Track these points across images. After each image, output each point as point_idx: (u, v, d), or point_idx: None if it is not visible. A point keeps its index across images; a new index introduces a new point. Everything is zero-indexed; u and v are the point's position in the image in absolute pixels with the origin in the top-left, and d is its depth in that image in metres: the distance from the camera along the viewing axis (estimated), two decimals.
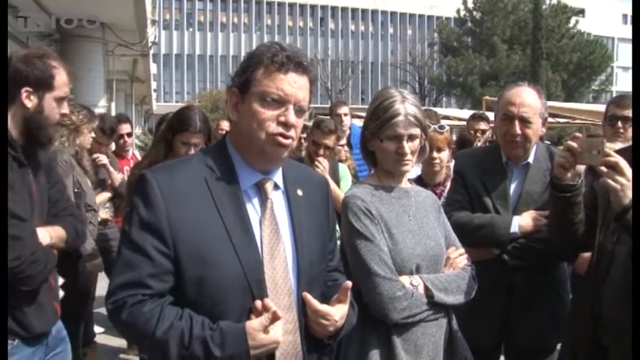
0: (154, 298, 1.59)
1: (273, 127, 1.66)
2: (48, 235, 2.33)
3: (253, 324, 1.59)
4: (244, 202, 1.69)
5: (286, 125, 1.66)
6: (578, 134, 2.30)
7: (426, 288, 2.17)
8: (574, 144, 2.17)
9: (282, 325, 1.63)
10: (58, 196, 2.54)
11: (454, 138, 4.97)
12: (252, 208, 1.71)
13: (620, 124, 3.47)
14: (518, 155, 2.78)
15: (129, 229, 1.63)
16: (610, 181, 2.01)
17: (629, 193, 2.00)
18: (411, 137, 2.20)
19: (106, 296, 1.64)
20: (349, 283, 1.75)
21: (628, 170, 2.01)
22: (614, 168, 2.02)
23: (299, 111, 1.69)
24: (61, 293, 2.94)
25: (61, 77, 2.34)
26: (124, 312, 1.58)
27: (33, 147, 2.36)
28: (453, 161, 4.26)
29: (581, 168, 2.25)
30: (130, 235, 1.62)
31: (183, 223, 1.60)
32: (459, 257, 2.34)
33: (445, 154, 3.45)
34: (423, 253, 2.22)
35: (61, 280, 2.92)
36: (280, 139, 1.67)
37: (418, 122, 2.21)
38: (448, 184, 3.51)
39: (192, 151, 3.24)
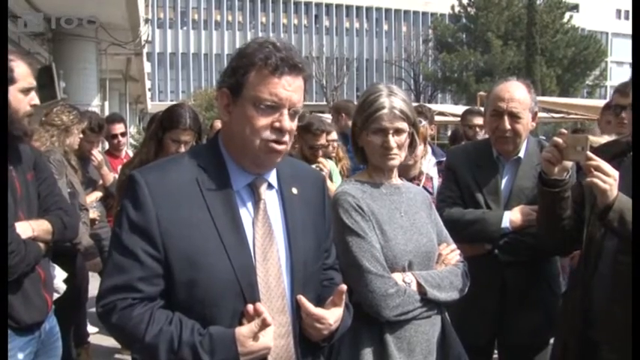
0: (144, 301, 1.56)
1: (267, 134, 1.62)
2: (30, 228, 2.36)
3: (243, 330, 1.56)
4: (236, 204, 1.65)
5: (281, 131, 1.63)
6: (564, 130, 2.30)
7: (419, 285, 2.16)
8: (559, 140, 2.19)
9: (273, 330, 1.61)
10: (48, 191, 2.55)
11: (448, 134, 4.96)
12: (245, 210, 1.67)
13: (624, 114, 3.36)
14: (508, 150, 2.78)
15: (119, 231, 1.60)
16: (598, 182, 2.04)
17: (615, 192, 2.04)
18: (398, 131, 2.19)
19: (97, 298, 1.62)
20: (344, 287, 1.73)
21: (611, 170, 2.05)
22: (598, 170, 2.05)
23: (293, 114, 1.65)
24: (64, 287, 2.92)
25: (20, 69, 2.36)
26: (114, 316, 1.56)
27: (13, 144, 2.36)
28: (432, 157, 4.25)
29: (569, 163, 2.26)
30: (120, 238, 1.58)
31: (174, 225, 1.57)
32: (451, 253, 2.33)
33: (419, 149, 3.42)
34: (415, 250, 2.21)
35: (64, 275, 2.92)
36: (274, 145, 1.63)
37: (405, 116, 2.20)
38: (423, 179, 3.48)
39: (183, 149, 3.23)
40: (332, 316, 1.71)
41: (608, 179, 2.03)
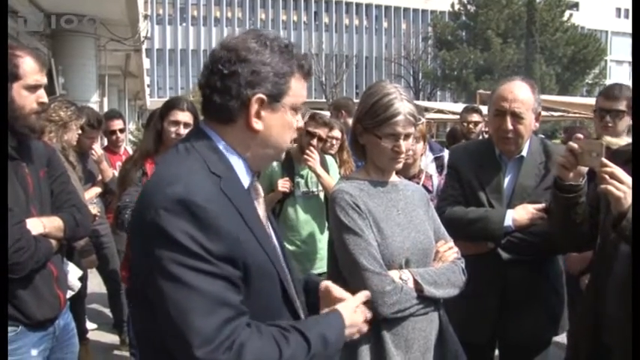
0: (250, 325, 1.45)
1: (294, 133, 1.66)
2: (41, 224, 2.35)
3: (346, 305, 1.71)
4: (253, 202, 1.65)
5: (298, 129, 1.68)
6: (580, 135, 2.27)
7: (416, 282, 2.16)
8: (574, 145, 2.16)
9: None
10: (62, 188, 2.55)
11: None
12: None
13: (608, 117, 3.40)
14: (510, 150, 2.76)
15: (197, 261, 1.39)
16: (613, 190, 2.01)
17: (630, 200, 2.01)
18: (407, 135, 2.21)
19: (202, 343, 1.35)
20: None
21: (626, 177, 2.01)
22: (612, 177, 2.01)
23: None
24: (79, 284, 2.92)
25: (27, 65, 2.30)
26: (244, 351, 1.38)
27: (25, 141, 2.37)
28: (429, 154, 4.26)
29: (584, 169, 2.22)
30: (203, 269, 1.39)
31: (240, 240, 1.46)
32: (449, 251, 2.33)
33: (419, 147, 3.44)
34: (412, 247, 2.21)
35: (79, 272, 2.92)
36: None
37: (414, 120, 2.22)
38: (422, 177, 3.49)
39: (182, 131, 3.24)
40: None
41: (622, 187, 2.00)
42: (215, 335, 1.35)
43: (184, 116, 3.29)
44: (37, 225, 2.32)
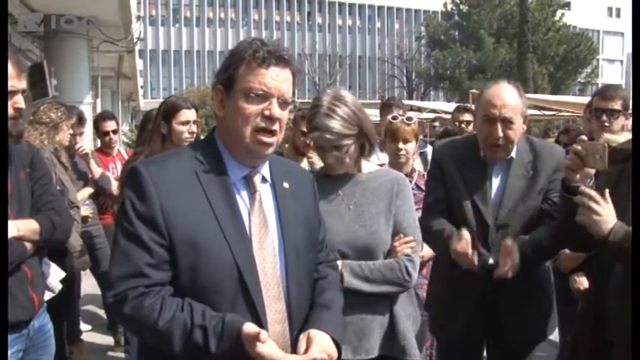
0: (154, 288, 1.61)
1: (257, 122, 1.70)
2: (15, 227, 2.33)
3: (249, 328, 1.57)
4: (234, 194, 1.73)
5: (270, 119, 1.70)
6: (583, 137, 2.26)
7: (341, 273, 2.19)
8: (579, 147, 2.16)
9: (270, 329, 1.66)
10: (42, 190, 2.52)
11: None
12: (242, 200, 1.75)
13: (605, 117, 3.42)
14: (499, 157, 2.68)
15: (124, 221, 1.66)
16: (585, 218, 2.04)
17: (608, 221, 2.03)
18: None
19: (107, 288, 1.67)
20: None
21: (602, 200, 2.04)
22: (584, 206, 2.04)
23: (283, 103, 1.74)
24: (60, 286, 2.89)
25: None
26: (126, 306, 1.60)
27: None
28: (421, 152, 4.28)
29: (591, 170, 2.21)
30: (126, 227, 1.65)
31: (176, 213, 1.64)
32: (402, 246, 2.31)
33: (411, 146, 3.44)
34: (349, 241, 2.25)
35: (61, 274, 2.90)
36: (264, 138, 1.71)
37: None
38: (415, 176, 3.50)
39: (193, 128, 3.36)
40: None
41: (598, 208, 2.03)
42: (115, 284, 1.62)
43: (192, 114, 3.38)
44: (11, 228, 2.30)
